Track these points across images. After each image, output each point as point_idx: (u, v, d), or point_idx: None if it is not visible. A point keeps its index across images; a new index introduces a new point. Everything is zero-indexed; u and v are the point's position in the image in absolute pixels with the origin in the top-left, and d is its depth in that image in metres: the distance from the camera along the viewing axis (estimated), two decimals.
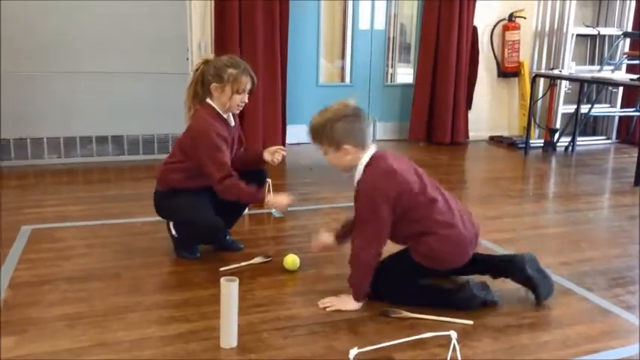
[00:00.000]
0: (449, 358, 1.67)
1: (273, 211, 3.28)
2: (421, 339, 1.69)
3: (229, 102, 2.52)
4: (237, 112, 2.64)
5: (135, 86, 4.40)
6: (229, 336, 1.91)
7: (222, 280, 1.89)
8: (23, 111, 4.20)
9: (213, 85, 2.50)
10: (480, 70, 5.49)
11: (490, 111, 5.70)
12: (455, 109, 5.40)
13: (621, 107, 5.54)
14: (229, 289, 1.87)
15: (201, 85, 2.53)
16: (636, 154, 4.26)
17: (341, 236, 2.41)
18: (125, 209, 3.30)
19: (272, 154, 2.71)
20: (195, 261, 2.61)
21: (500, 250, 2.79)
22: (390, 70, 5.64)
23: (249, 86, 2.53)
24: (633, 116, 5.56)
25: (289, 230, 3.10)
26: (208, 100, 2.54)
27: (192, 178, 2.56)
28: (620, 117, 5.68)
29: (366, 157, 2.16)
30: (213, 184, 2.47)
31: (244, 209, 2.87)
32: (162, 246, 2.76)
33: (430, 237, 2.13)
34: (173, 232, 2.66)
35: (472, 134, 5.60)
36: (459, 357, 1.64)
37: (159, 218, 2.75)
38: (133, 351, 1.87)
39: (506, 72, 5.54)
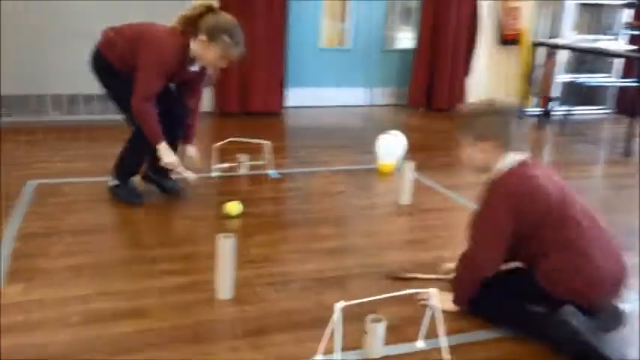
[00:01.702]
0: (428, 312, 1.79)
1: (270, 171, 3.38)
2: (407, 294, 1.81)
3: (206, 58, 2.58)
4: (210, 69, 2.72)
5: None
6: (225, 288, 2.03)
7: (219, 236, 2.00)
8: (28, 68, 4.26)
9: (202, 37, 2.53)
10: (480, 37, 5.51)
11: (488, 78, 5.73)
12: (453, 76, 5.44)
13: (622, 77, 5.57)
14: (226, 245, 1.99)
15: (193, 26, 2.56)
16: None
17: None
18: None
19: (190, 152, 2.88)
20: (193, 217, 2.73)
21: None
22: (390, 35, 5.65)
23: (234, 59, 2.60)
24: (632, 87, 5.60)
25: (287, 191, 3.20)
26: (192, 39, 2.57)
27: (126, 63, 2.62)
28: (621, 87, 5.73)
29: (509, 160, 1.91)
30: (133, 98, 2.54)
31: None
32: (161, 203, 2.88)
33: (558, 256, 1.85)
34: (110, 182, 2.85)
35: (471, 100, 5.65)
36: (437, 315, 1.76)
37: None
38: (135, 300, 2.00)
39: (506, 39, 5.55)
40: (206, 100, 4.92)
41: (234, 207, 2.71)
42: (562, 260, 1.83)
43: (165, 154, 2.67)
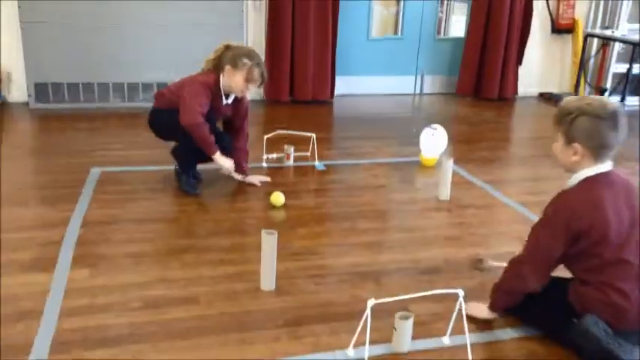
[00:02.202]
0: (455, 312, 1.93)
1: (316, 163, 3.54)
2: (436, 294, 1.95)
3: (235, 85, 2.89)
4: (240, 95, 3.00)
5: (193, 37, 4.64)
6: (268, 280, 2.21)
7: (263, 232, 2.18)
8: (92, 58, 4.54)
9: (227, 67, 2.87)
10: (534, 25, 5.47)
11: (541, 67, 5.70)
12: (505, 65, 5.43)
13: None
14: (269, 241, 2.16)
15: (218, 64, 2.91)
16: None
17: None
18: None
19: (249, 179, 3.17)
20: (241, 209, 2.92)
21: (523, 211, 2.98)
22: (443, 23, 5.67)
23: (257, 79, 2.89)
24: None
25: (330, 183, 3.35)
26: (221, 74, 2.90)
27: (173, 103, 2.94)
28: None
29: (591, 171, 1.90)
30: (180, 118, 2.83)
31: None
32: (213, 193, 3.08)
33: (594, 291, 1.88)
34: (178, 168, 3.08)
35: (521, 90, 5.64)
36: (464, 312, 1.89)
37: (211, 167, 3.11)
38: (189, 287, 2.20)
39: (560, 28, 5.50)
40: (257, 89, 5.12)
41: (277, 198, 2.90)
42: (598, 292, 1.86)
43: (221, 161, 2.96)
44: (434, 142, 3.62)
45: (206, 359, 1.82)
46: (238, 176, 3.13)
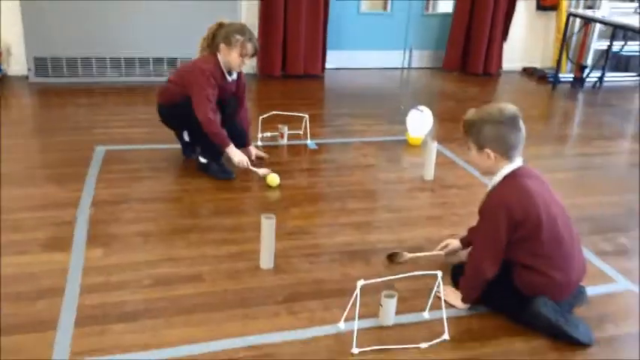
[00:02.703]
0: (435, 289, 2.18)
1: (309, 142, 3.74)
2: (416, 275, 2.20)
3: (232, 61, 3.08)
4: (238, 70, 3.20)
5: (189, 12, 4.75)
6: (267, 259, 2.44)
7: (263, 217, 2.39)
8: (91, 33, 4.66)
9: (222, 45, 3.05)
10: (519, 2, 5.62)
11: (525, 42, 5.88)
12: (490, 40, 5.60)
13: None
14: (268, 225, 2.38)
15: (212, 42, 3.10)
16: None
17: (466, 242, 2.51)
18: None
19: (251, 154, 3.37)
20: (241, 188, 3.12)
21: None
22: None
23: (251, 52, 3.07)
24: None
25: (322, 163, 3.55)
26: (217, 54, 3.08)
27: (180, 94, 3.14)
28: None
29: (507, 169, 2.13)
30: (197, 112, 3.03)
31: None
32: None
33: (538, 276, 2.11)
34: (202, 160, 3.23)
35: (506, 65, 5.83)
36: (442, 290, 2.14)
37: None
38: (194, 266, 2.42)
39: (545, 5, 5.66)
40: (250, 61, 5.26)
41: (272, 180, 3.12)
42: (542, 277, 2.10)
43: (234, 155, 3.14)
44: (420, 122, 3.82)
45: (214, 333, 2.05)
46: (254, 169, 3.21)
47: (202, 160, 3.24)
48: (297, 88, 4.99)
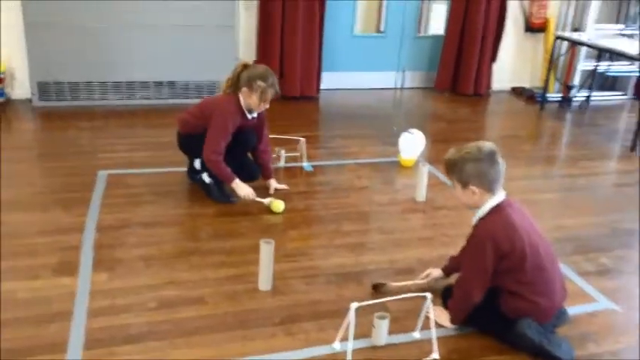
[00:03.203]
0: (424, 310, 2.30)
1: (305, 164, 3.87)
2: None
3: (252, 104, 3.20)
4: (258, 112, 3.30)
5: (188, 36, 4.91)
6: (266, 281, 2.56)
7: (261, 242, 2.52)
8: (93, 57, 4.80)
9: (244, 89, 3.17)
10: (508, 24, 5.79)
11: (514, 63, 6.05)
12: (480, 61, 5.77)
13: None
14: (267, 249, 2.51)
15: (236, 83, 3.22)
16: None
17: (448, 270, 2.61)
18: (182, 157, 3.79)
19: (270, 187, 3.48)
20: (239, 212, 3.24)
21: None
22: (424, 22, 5.97)
23: (271, 98, 3.19)
24: None
25: (318, 185, 3.68)
26: (239, 94, 3.20)
27: (199, 127, 3.28)
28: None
29: (492, 202, 2.25)
30: (204, 151, 3.20)
31: (243, 158, 3.47)
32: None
33: (523, 302, 2.23)
34: (206, 179, 3.34)
35: (495, 85, 5.99)
36: (431, 311, 2.28)
37: None
38: (196, 289, 2.54)
39: (533, 27, 5.83)
40: None
41: (277, 207, 3.23)
42: (527, 303, 2.22)
43: (240, 189, 3.27)
44: (412, 145, 3.96)
45: (215, 354, 2.17)
46: (259, 199, 3.29)
47: (206, 179, 3.36)
48: (294, 109, 5.13)
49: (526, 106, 5.73)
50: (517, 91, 6.05)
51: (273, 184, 3.50)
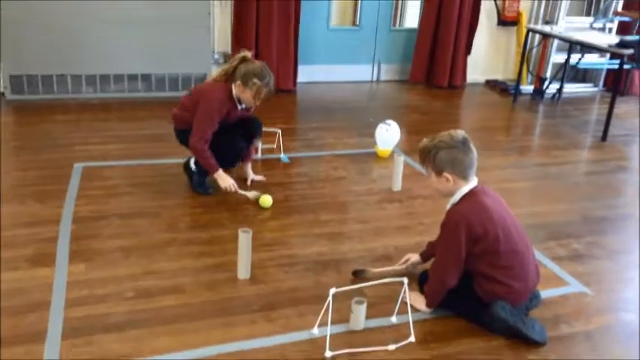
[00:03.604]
0: (401, 295, 2.34)
1: (282, 156, 3.89)
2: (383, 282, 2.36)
3: (244, 99, 3.17)
4: (250, 107, 3.28)
5: (162, 29, 4.88)
6: (244, 270, 2.58)
7: (240, 231, 2.53)
8: (65, 51, 4.75)
9: (238, 83, 3.11)
10: (481, 17, 5.87)
11: (488, 56, 6.13)
12: (454, 54, 5.83)
13: (611, 58, 5.92)
14: (245, 238, 2.52)
15: (231, 75, 3.15)
16: (620, 105, 4.77)
17: (426, 256, 2.65)
18: (158, 149, 3.90)
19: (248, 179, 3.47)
20: (218, 202, 3.25)
21: None
22: (399, 15, 6.02)
23: (265, 97, 3.14)
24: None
25: (295, 176, 3.70)
26: (233, 85, 3.15)
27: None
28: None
29: (466, 188, 2.30)
30: (190, 139, 3.16)
31: (251, 145, 3.48)
32: (189, 188, 3.39)
33: (498, 285, 2.28)
34: (192, 166, 3.33)
35: (470, 77, 6.06)
36: (408, 296, 2.32)
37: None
38: (175, 278, 2.55)
39: (506, 21, 5.92)
40: None
41: (265, 201, 3.21)
42: (502, 286, 2.27)
43: (222, 180, 3.24)
44: (388, 136, 4.00)
45: (196, 341, 2.17)
46: (243, 192, 3.28)
47: (192, 165, 3.35)
48: (271, 103, 5.06)
49: (500, 98, 5.81)
50: (491, 84, 6.13)
51: (251, 175, 3.51)
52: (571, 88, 6.06)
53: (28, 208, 3.05)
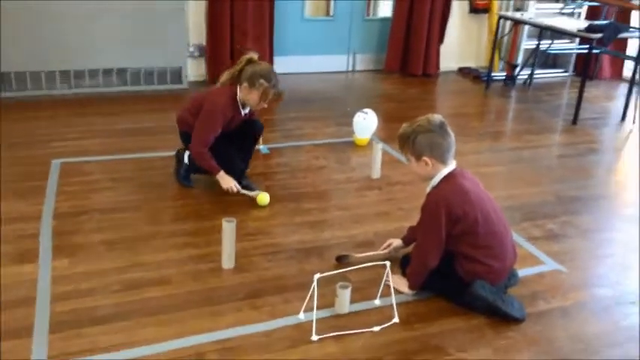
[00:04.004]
0: (384, 278, 2.40)
1: (261, 147, 3.91)
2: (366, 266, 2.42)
3: (250, 102, 3.10)
4: (254, 110, 3.22)
5: (136, 22, 4.85)
6: (229, 260, 2.61)
7: (223, 221, 2.56)
8: (38, 47, 4.68)
9: (244, 85, 3.05)
10: (453, 6, 5.94)
11: (460, 44, 6.21)
12: (428, 43, 5.90)
13: (580, 43, 6.04)
14: (229, 228, 2.55)
15: (237, 77, 3.10)
16: (589, 89, 4.89)
17: (407, 240, 2.72)
18: (137, 143, 3.90)
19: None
20: (200, 194, 3.26)
21: None
22: (372, 3, 6.06)
23: (272, 98, 3.08)
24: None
25: (275, 167, 3.73)
26: (238, 88, 3.10)
27: None
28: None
29: (444, 171, 2.36)
30: (191, 144, 3.13)
31: (253, 147, 3.46)
32: (172, 181, 3.40)
33: (478, 265, 2.35)
34: (185, 160, 3.31)
35: (443, 65, 6.13)
36: (390, 279, 2.38)
37: (169, 153, 3.50)
38: (160, 270, 2.57)
39: (477, 8, 6.00)
40: (199, 70, 5.39)
41: (262, 199, 3.17)
42: (482, 266, 2.35)
43: (224, 181, 3.17)
44: (365, 124, 4.05)
45: (183, 330, 2.20)
46: (245, 192, 3.22)
47: (186, 159, 3.30)
48: None
49: (473, 85, 5.90)
50: (464, 72, 6.21)
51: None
52: (542, 74, 6.17)
53: (7, 205, 3.03)
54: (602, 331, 2.33)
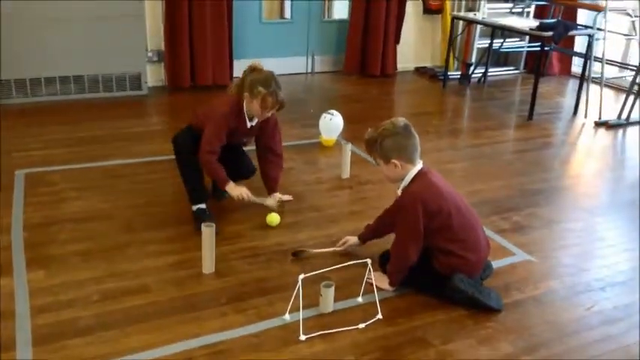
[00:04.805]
0: (366, 276, 2.45)
1: None
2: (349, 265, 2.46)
3: (253, 111, 3.02)
4: (260, 119, 3.11)
5: (95, 29, 4.77)
6: (209, 265, 2.61)
7: (203, 225, 2.56)
8: None
9: (246, 94, 2.98)
10: (408, 7, 6.06)
11: (416, 45, 6.35)
12: (385, 43, 6.00)
13: (529, 42, 6.26)
14: (209, 233, 2.56)
15: (241, 87, 3.02)
16: (541, 85, 5.09)
17: (364, 238, 2.78)
18: (100, 151, 3.84)
19: (275, 202, 3.19)
20: (171, 201, 3.24)
21: None
22: (328, 6, 6.13)
23: (272, 106, 2.99)
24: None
25: None
26: (244, 98, 3.02)
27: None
28: (529, 50, 6.44)
29: (414, 170, 2.44)
30: (200, 152, 3.01)
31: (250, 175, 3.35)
32: (142, 188, 3.38)
33: (455, 258, 2.43)
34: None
35: (400, 65, 6.25)
36: (372, 276, 2.43)
37: (135, 160, 3.52)
38: (139, 278, 2.55)
39: (431, 9, 6.14)
40: (158, 75, 5.34)
41: (272, 220, 3.08)
42: (459, 259, 2.44)
43: (233, 191, 3.04)
44: (332, 125, 4.10)
45: (169, 337, 2.20)
46: (258, 200, 3.12)
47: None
48: (208, 99, 5.09)
49: (430, 84, 6.03)
50: (420, 71, 6.34)
51: (277, 195, 3.25)
52: (495, 72, 6.36)
53: None
54: (576, 316, 2.45)
